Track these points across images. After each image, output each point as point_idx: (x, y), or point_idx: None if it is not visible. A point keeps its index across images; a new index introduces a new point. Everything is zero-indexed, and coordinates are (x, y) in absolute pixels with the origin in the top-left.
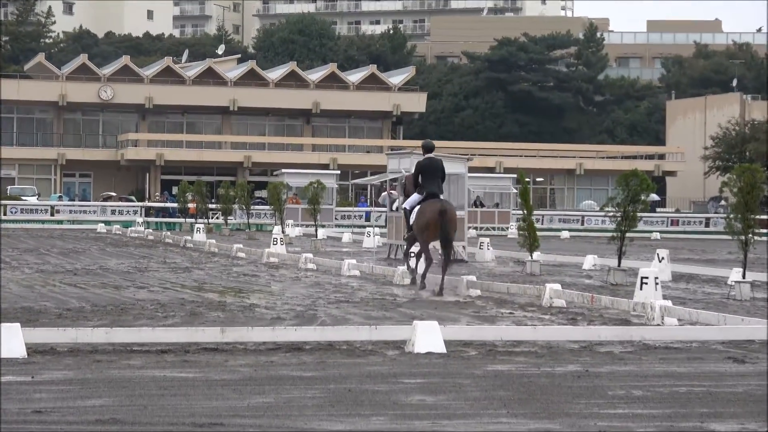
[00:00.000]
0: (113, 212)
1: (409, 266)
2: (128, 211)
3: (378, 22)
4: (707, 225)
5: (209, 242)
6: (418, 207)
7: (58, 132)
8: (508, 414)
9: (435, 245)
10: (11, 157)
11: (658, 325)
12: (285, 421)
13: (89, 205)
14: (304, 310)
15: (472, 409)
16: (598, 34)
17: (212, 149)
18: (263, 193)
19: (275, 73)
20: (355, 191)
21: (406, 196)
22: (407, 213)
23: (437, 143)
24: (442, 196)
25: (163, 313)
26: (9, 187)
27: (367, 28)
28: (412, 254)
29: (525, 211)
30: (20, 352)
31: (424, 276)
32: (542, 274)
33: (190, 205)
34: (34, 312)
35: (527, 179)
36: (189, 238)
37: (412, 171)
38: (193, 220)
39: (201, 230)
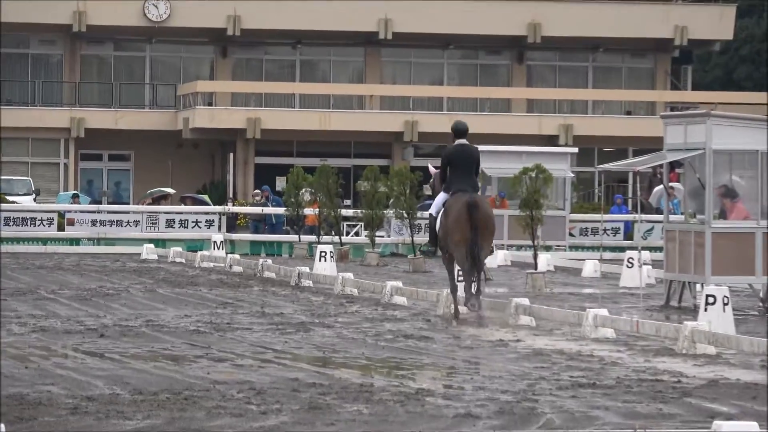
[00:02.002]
0: (170, 224)
1: (456, 308)
2: (197, 222)
3: None
4: None
5: (343, 278)
6: (444, 206)
7: (71, 81)
8: None
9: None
10: None
11: None
12: None
13: (126, 211)
14: (515, 401)
15: None
16: None
17: (346, 110)
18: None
19: None
20: (605, 184)
21: (434, 195)
22: (433, 221)
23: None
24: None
25: (260, 406)
26: None
27: None
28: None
29: None
30: None
31: (469, 299)
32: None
33: (309, 212)
34: (29, 404)
35: None
36: (306, 270)
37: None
38: (313, 237)
39: (328, 256)
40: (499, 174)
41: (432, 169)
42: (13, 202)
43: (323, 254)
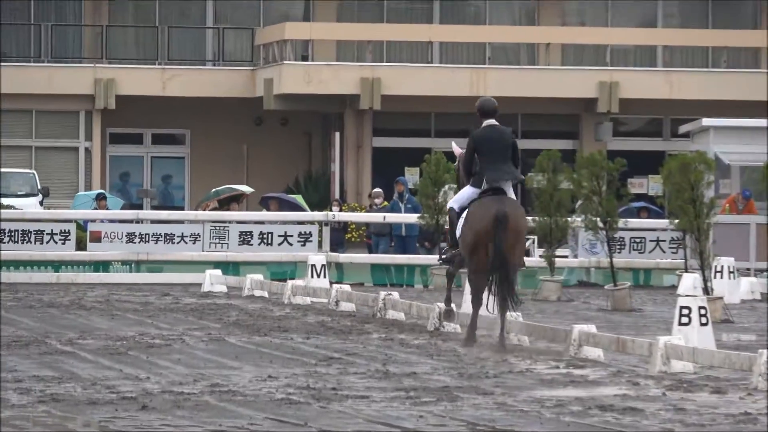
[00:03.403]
0: (246, 240)
1: (447, 309)
2: (286, 237)
3: None
4: None
5: (514, 322)
6: (467, 210)
7: (94, 24)
8: None
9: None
10: None
11: None
12: None
13: (180, 221)
14: None
15: None
16: None
17: (511, 67)
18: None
19: None
20: None
21: (459, 187)
22: (454, 217)
23: None
24: (510, 191)
25: None
26: None
27: None
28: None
29: None
30: None
31: (472, 326)
32: None
33: None
34: None
35: None
36: (451, 307)
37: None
38: None
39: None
40: (743, 162)
41: (456, 150)
42: (8, 207)
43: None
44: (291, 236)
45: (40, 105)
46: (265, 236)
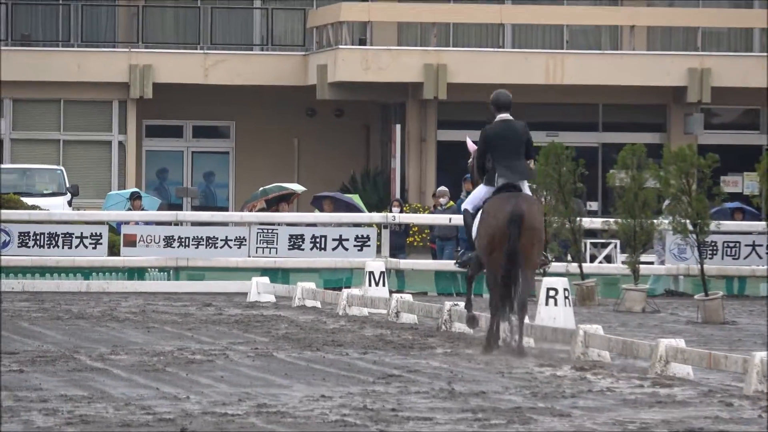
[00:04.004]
0: (297, 244)
1: (469, 315)
2: (341, 241)
3: None
4: None
5: (585, 334)
6: (481, 210)
7: (130, 4)
8: None
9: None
10: None
11: None
12: None
13: (224, 222)
14: None
15: None
16: None
17: (591, 52)
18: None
19: None
20: None
21: (474, 186)
22: (468, 219)
23: None
24: (526, 187)
25: None
26: None
27: None
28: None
29: None
30: None
31: (491, 332)
32: None
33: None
34: None
35: None
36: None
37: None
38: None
39: (560, 296)
40: None
41: (471, 145)
42: (33, 207)
43: (552, 293)
44: (346, 240)
45: (69, 94)
46: (317, 240)
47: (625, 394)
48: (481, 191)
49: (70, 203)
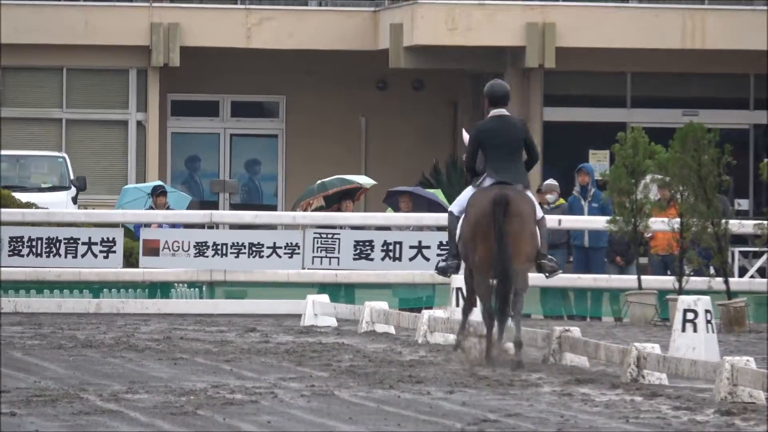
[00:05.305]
0: (363, 253)
1: (464, 328)
2: (421, 249)
3: None
4: None
5: (733, 368)
6: (466, 208)
7: None
8: None
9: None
10: None
11: None
12: None
13: (272, 225)
14: None
15: None
16: None
17: (739, 5)
18: None
19: None
20: None
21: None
22: (453, 222)
23: None
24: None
25: None
26: None
27: None
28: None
29: None
30: None
31: (461, 331)
32: None
33: (658, 225)
34: None
35: None
36: (653, 349)
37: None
38: (667, 278)
39: (701, 320)
40: None
41: (466, 138)
42: (28, 205)
43: (690, 316)
44: (428, 248)
45: (74, 60)
46: (391, 247)
47: None
48: (468, 193)
49: (75, 200)
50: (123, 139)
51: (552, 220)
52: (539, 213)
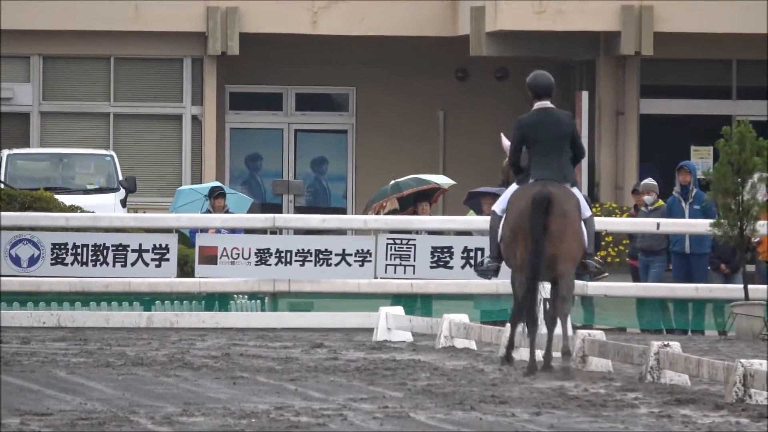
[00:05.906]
0: (442, 260)
1: (510, 343)
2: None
3: None
4: None
5: None
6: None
7: None
8: None
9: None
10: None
11: None
12: None
13: (341, 230)
14: None
15: None
16: None
17: None
18: None
19: None
20: None
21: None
22: (495, 222)
23: None
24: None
25: None
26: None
27: None
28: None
29: None
30: None
31: (510, 345)
32: None
33: (766, 229)
34: None
35: None
36: (763, 366)
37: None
38: None
39: None
40: None
41: (505, 142)
42: (72, 209)
43: None
44: None
45: (122, 49)
46: (472, 254)
47: None
48: (511, 191)
49: (123, 203)
50: (177, 136)
51: (650, 224)
52: (586, 211)
